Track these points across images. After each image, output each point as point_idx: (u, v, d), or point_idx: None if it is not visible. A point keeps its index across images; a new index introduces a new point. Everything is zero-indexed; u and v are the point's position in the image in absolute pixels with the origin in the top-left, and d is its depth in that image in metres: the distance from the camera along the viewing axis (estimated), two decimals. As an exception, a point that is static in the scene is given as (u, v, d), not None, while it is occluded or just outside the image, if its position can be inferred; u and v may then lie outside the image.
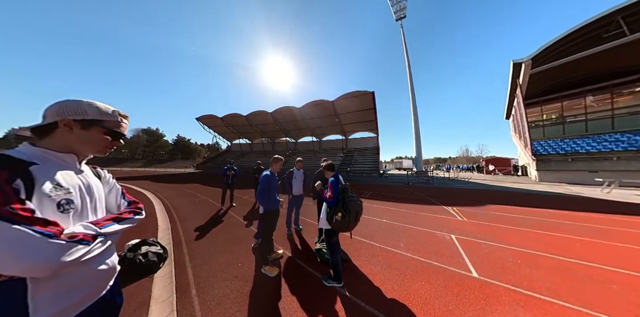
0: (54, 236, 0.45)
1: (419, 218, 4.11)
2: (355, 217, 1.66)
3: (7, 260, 0.40)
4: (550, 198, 6.48)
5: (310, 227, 3.45)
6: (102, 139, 0.62)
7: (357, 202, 1.70)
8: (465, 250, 2.58)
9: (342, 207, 1.70)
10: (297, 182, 3.21)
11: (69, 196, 0.55)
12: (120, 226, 0.62)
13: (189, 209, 4.89)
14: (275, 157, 2.27)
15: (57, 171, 0.55)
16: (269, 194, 2.00)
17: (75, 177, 0.60)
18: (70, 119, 0.56)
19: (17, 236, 0.41)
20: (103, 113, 0.61)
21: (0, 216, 0.41)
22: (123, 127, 0.67)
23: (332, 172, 2.01)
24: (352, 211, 1.66)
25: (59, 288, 0.49)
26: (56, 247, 0.44)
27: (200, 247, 2.62)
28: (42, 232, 0.43)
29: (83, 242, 0.50)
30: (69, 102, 0.58)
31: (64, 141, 0.59)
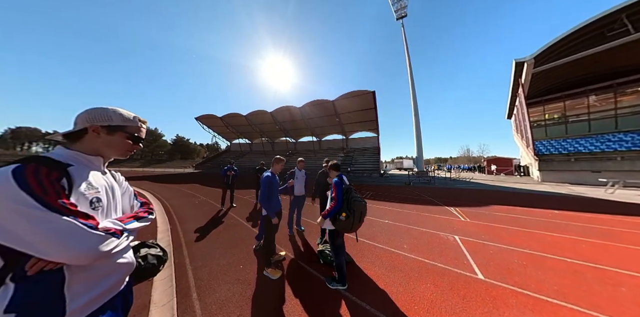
0: (95, 228, 0.51)
1: (422, 219, 4.09)
2: (359, 217, 1.64)
3: (58, 247, 0.46)
4: (553, 199, 6.46)
5: (312, 228, 3.43)
6: (124, 143, 0.69)
7: (361, 203, 1.68)
8: (470, 251, 2.56)
9: (347, 208, 1.68)
10: (298, 182, 3.19)
11: (98, 194, 0.61)
12: (139, 224, 0.68)
13: (189, 209, 4.87)
14: (277, 157, 2.25)
15: (88, 171, 0.62)
16: (272, 196, 1.97)
17: (102, 177, 0.67)
18: (97, 125, 0.63)
19: (67, 227, 0.47)
20: (125, 119, 0.68)
21: (54, 208, 0.47)
22: (142, 131, 0.73)
23: (337, 172, 1.99)
24: (356, 212, 1.64)
25: (90, 279, 0.55)
26: (97, 237, 0.51)
27: (200, 249, 2.60)
28: (85, 224, 0.50)
29: (115, 235, 0.56)
30: (97, 109, 0.64)
31: (93, 145, 0.65)
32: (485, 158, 30.29)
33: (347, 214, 1.66)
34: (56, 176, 0.52)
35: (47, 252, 0.45)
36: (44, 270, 0.48)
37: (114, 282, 0.61)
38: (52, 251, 0.45)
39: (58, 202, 0.47)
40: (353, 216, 1.63)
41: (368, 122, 22.31)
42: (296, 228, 3.33)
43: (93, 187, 0.60)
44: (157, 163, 38.92)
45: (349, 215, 1.66)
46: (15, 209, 0.44)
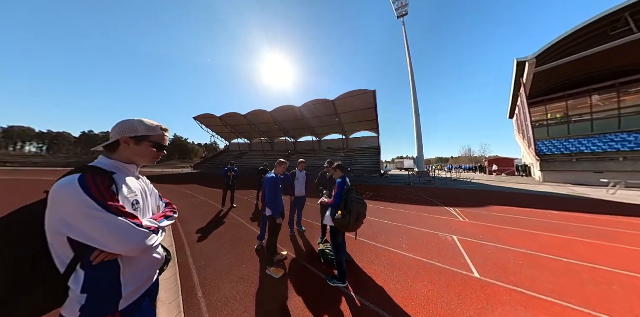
0: (141, 226, 0.62)
1: (421, 219, 4.17)
2: (356, 218, 1.72)
3: (116, 242, 0.57)
4: (554, 199, 6.55)
5: (313, 228, 3.51)
6: (150, 152, 0.77)
7: (359, 204, 1.76)
8: (468, 251, 2.64)
9: (344, 207, 1.77)
10: (299, 183, 3.28)
11: (137, 197, 0.72)
12: (168, 222, 0.78)
13: (189, 210, 4.96)
14: (280, 161, 2.35)
15: (127, 178, 0.73)
16: (277, 197, 2.06)
17: (137, 182, 0.77)
18: (127, 136, 0.72)
19: (122, 225, 0.58)
20: (150, 129, 0.76)
21: (111, 210, 0.57)
22: (165, 139, 0.82)
23: (342, 173, 2.07)
24: (352, 212, 1.72)
25: (137, 270, 0.67)
26: (143, 234, 0.61)
27: (203, 249, 2.68)
28: (134, 222, 0.60)
29: (154, 232, 0.65)
30: (125, 122, 0.74)
31: (126, 154, 0.75)
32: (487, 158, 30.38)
33: (344, 213, 1.75)
34: (108, 183, 0.62)
35: (108, 245, 0.57)
36: (105, 261, 0.60)
37: (151, 274, 0.73)
38: (111, 245, 0.57)
39: (113, 205, 0.58)
40: (349, 215, 1.72)
41: (368, 122, 22.35)
42: (297, 228, 3.42)
43: (132, 191, 0.71)
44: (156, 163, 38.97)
45: (345, 214, 1.75)
46: (83, 211, 0.55)
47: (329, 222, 1.90)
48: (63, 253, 0.57)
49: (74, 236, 0.55)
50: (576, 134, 12.56)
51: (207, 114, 28.03)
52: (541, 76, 12.40)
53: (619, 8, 8.54)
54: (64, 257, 0.57)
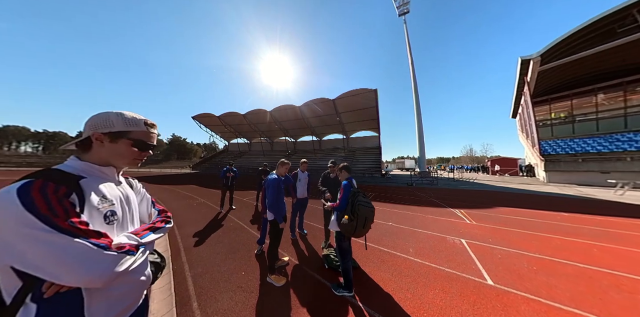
0: (108, 248, 0.49)
1: (427, 221, 4.07)
2: (363, 223, 1.62)
3: (70, 271, 0.44)
4: (561, 200, 6.45)
5: (315, 231, 3.41)
6: (130, 151, 0.64)
7: (367, 207, 1.66)
8: (478, 255, 2.55)
9: (350, 211, 1.68)
10: (301, 184, 3.18)
11: (113, 207, 0.59)
12: (156, 235, 0.65)
13: (187, 212, 4.85)
14: (282, 161, 2.24)
15: (101, 183, 0.60)
16: (279, 200, 1.96)
17: (116, 188, 0.65)
18: (99, 132, 0.59)
19: (78, 249, 0.45)
20: (129, 123, 0.62)
21: (63, 230, 0.44)
22: (151, 137, 0.68)
23: (348, 174, 1.97)
24: (360, 216, 1.62)
25: (109, 299, 0.53)
26: (111, 258, 0.48)
27: (200, 254, 2.58)
28: (97, 244, 0.47)
29: (130, 253, 0.53)
30: (100, 115, 0.61)
31: (100, 154, 0.62)
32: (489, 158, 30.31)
33: (350, 218, 1.65)
34: (64, 192, 0.49)
35: (58, 276, 0.43)
36: (62, 291, 0.47)
37: (133, 300, 0.60)
38: (63, 275, 0.43)
39: (67, 223, 0.45)
40: (356, 220, 1.62)
41: (369, 121, 22.27)
42: (299, 231, 3.32)
43: (107, 200, 0.58)
44: (153, 163, 38.88)
45: (351, 218, 1.65)
46: (22, 232, 0.42)
47: (334, 227, 1.80)
48: (8, 282, 0.45)
49: (15, 263, 0.43)
50: (581, 134, 12.47)
51: (206, 114, 27.92)
52: (545, 75, 12.31)
53: (626, 4, 8.44)
54: (10, 287, 0.45)
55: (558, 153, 12.21)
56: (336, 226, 1.78)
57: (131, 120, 0.62)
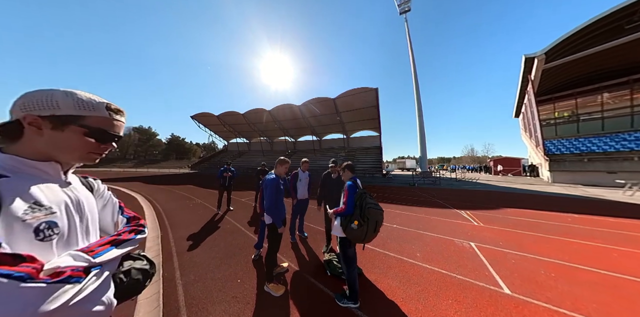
0: (29, 278, 0.35)
1: (432, 223, 3.93)
2: (374, 227, 1.48)
3: None
4: (569, 201, 6.31)
5: (317, 234, 3.26)
6: (83, 142, 0.49)
7: (377, 210, 1.52)
8: (490, 260, 2.40)
9: (359, 215, 1.53)
10: (302, 185, 3.03)
11: (52, 217, 0.44)
12: (120, 251, 0.52)
13: (182, 213, 4.71)
14: (281, 159, 2.05)
15: (33, 184, 0.45)
16: (279, 202, 1.81)
17: (60, 191, 0.50)
18: (36, 115, 0.44)
19: None
20: (83, 106, 0.47)
21: None
22: (115, 125, 0.53)
23: (351, 173, 1.82)
24: (370, 220, 1.48)
25: None
26: (33, 293, 0.34)
27: (193, 259, 2.43)
28: (9, 274, 0.33)
29: (72, 280, 0.39)
30: (38, 92, 0.45)
31: (34, 145, 0.47)
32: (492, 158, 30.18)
33: (360, 222, 1.50)
34: None
35: None
36: None
37: None
38: None
39: None
40: (367, 224, 1.48)
41: (370, 121, 22.13)
42: (299, 234, 3.18)
43: (42, 208, 0.43)
44: (151, 163, 38.71)
45: (361, 223, 1.50)
46: None
47: (339, 233, 1.65)
48: None
49: None
50: (586, 133, 12.34)
51: (205, 113, 27.76)
52: (550, 73, 12.17)
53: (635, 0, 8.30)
54: None
55: (563, 153, 12.08)
56: (340, 232, 1.63)
57: (87, 102, 0.48)
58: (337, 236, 1.70)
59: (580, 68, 11.57)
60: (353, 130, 25.52)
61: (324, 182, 2.86)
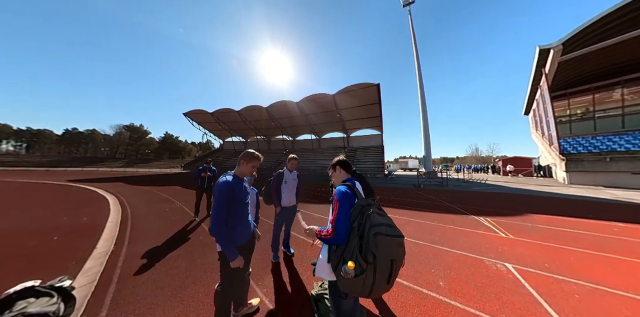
0: None
1: (450, 234, 3.32)
2: (388, 272, 0.83)
3: None
4: (600, 206, 5.69)
5: (305, 249, 2.65)
6: None
7: (392, 237, 0.87)
8: (543, 294, 1.79)
9: (358, 248, 0.87)
10: (288, 188, 2.42)
11: None
12: None
13: (153, 220, 4.09)
14: (249, 153, 1.38)
15: None
16: (233, 217, 1.19)
17: None
18: None
19: None
20: None
21: None
22: None
23: (346, 173, 1.21)
24: (380, 259, 0.82)
25: None
26: None
27: (136, 290, 1.82)
28: None
29: None
30: None
31: None
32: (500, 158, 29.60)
33: (359, 265, 0.84)
34: None
35: None
36: None
37: None
38: None
39: None
40: (374, 269, 0.82)
41: (371, 119, 21.55)
42: (283, 250, 2.56)
43: None
44: (142, 163, 38.04)
45: (362, 266, 0.83)
46: None
47: (326, 274, 1.03)
48: None
49: None
50: (604, 131, 11.74)
51: (198, 110, 27.16)
52: (566, 66, 11.56)
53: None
54: None
55: (580, 152, 11.47)
56: (329, 272, 1.00)
57: None
58: (324, 279, 1.07)
59: (600, 60, 10.97)
60: (353, 128, 24.93)
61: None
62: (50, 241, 2.90)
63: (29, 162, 32.32)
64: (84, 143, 52.17)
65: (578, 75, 12.85)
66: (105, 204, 5.59)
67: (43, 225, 3.62)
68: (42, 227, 3.48)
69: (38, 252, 2.53)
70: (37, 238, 2.99)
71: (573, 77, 13.13)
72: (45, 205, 5.39)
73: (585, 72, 12.45)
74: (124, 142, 52.41)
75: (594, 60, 11.18)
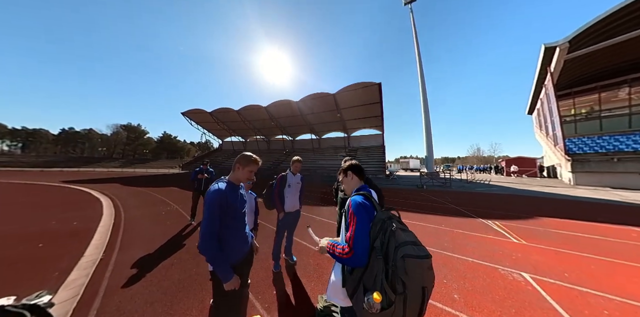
0: None
1: (459, 240, 3.18)
2: (420, 302, 0.70)
3: None
4: (613, 209, 5.55)
5: (308, 257, 2.50)
6: None
7: (420, 260, 0.73)
8: (568, 309, 1.66)
9: (384, 275, 0.73)
10: (291, 192, 2.29)
11: None
12: None
13: (147, 224, 3.95)
14: (245, 156, 1.19)
15: None
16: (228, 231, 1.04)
17: None
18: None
19: None
20: None
21: None
22: None
23: (359, 180, 1.07)
24: (410, 287, 0.69)
25: None
26: None
27: (124, 304, 1.68)
28: None
29: None
30: None
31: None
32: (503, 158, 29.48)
33: (387, 296, 0.70)
34: None
35: None
36: None
37: None
38: None
39: None
40: (404, 300, 0.69)
41: (372, 118, 21.43)
42: (285, 258, 2.42)
43: None
44: (140, 163, 37.87)
45: (389, 298, 0.69)
46: None
47: (340, 299, 0.89)
48: None
49: None
50: (610, 131, 11.61)
51: (197, 110, 27.00)
52: (572, 64, 11.43)
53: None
54: None
55: (586, 152, 11.34)
56: (343, 297, 0.86)
57: None
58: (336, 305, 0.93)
59: (606, 58, 10.84)
60: (354, 128, 24.81)
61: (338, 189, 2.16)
62: (34, 248, 2.75)
63: (24, 163, 32.13)
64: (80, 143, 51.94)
65: (584, 73, 12.72)
66: (99, 206, 5.45)
67: (29, 230, 3.47)
68: (27, 233, 3.33)
69: (19, 261, 2.38)
70: (20, 245, 2.84)
71: (579, 76, 13.00)
72: (34, 208, 5.24)
73: (591, 70, 12.32)
74: (122, 142, 52.21)
75: (600, 59, 11.05)
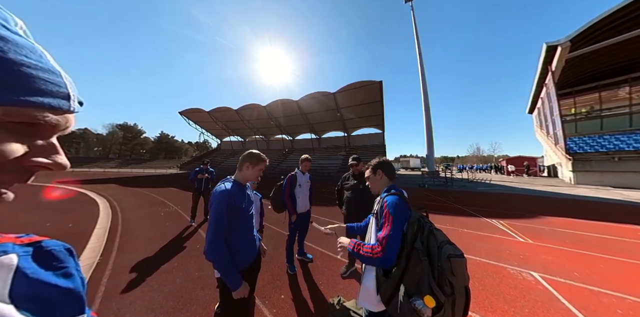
0: None
1: (465, 238, 3.17)
2: (464, 303, 0.68)
3: None
4: (617, 208, 5.58)
5: (316, 259, 2.46)
6: None
7: (461, 259, 0.70)
8: (582, 309, 1.64)
9: (435, 279, 0.68)
10: (302, 192, 2.25)
11: None
12: None
13: (146, 226, 3.89)
14: (254, 154, 1.12)
15: None
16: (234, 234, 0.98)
17: None
18: None
19: None
20: None
21: None
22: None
23: (388, 179, 1.03)
24: (457, 289, 0.67)
25: None
26: None
27: (123, 312, 1.63)
28: None
29: None
30: None
31: None
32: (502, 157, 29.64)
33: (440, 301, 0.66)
34: None
35: None
36: None
37: None
38: None
39: None
40: (452, 302, 0.66)
41: (373, 117, 21.42)
42: (299, 258, 2.39)
43: None
44: (137, 163, 37.61)
45: (439, 300, 0.66)
46: None
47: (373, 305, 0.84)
48: None
49: None
50: (611, 130, 11.70)
51: (195, 109, 26.84)
52: (573, 63, 11.50)
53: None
54: None
55: (587, 151, 11.41)
56: (376, 303, 0.82)
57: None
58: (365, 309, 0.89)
59: (607, 58, 10.91)
60: (354, 127, 24.78)
61: (342, 190, 2.12)
62: (31, 250, 2.69)
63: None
64: (75, 143, 51.51)
65: (585, 72, 12.81)
66: (95, 208, 5.37)
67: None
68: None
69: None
70: (17, 247, 2.77)
71: (580, 75, 13.09)
72: (27, 210, 5.14)
73: (592, 69, 12.41)
74: (118, 142, 51.83)
75: (602, 58, 11.12)
